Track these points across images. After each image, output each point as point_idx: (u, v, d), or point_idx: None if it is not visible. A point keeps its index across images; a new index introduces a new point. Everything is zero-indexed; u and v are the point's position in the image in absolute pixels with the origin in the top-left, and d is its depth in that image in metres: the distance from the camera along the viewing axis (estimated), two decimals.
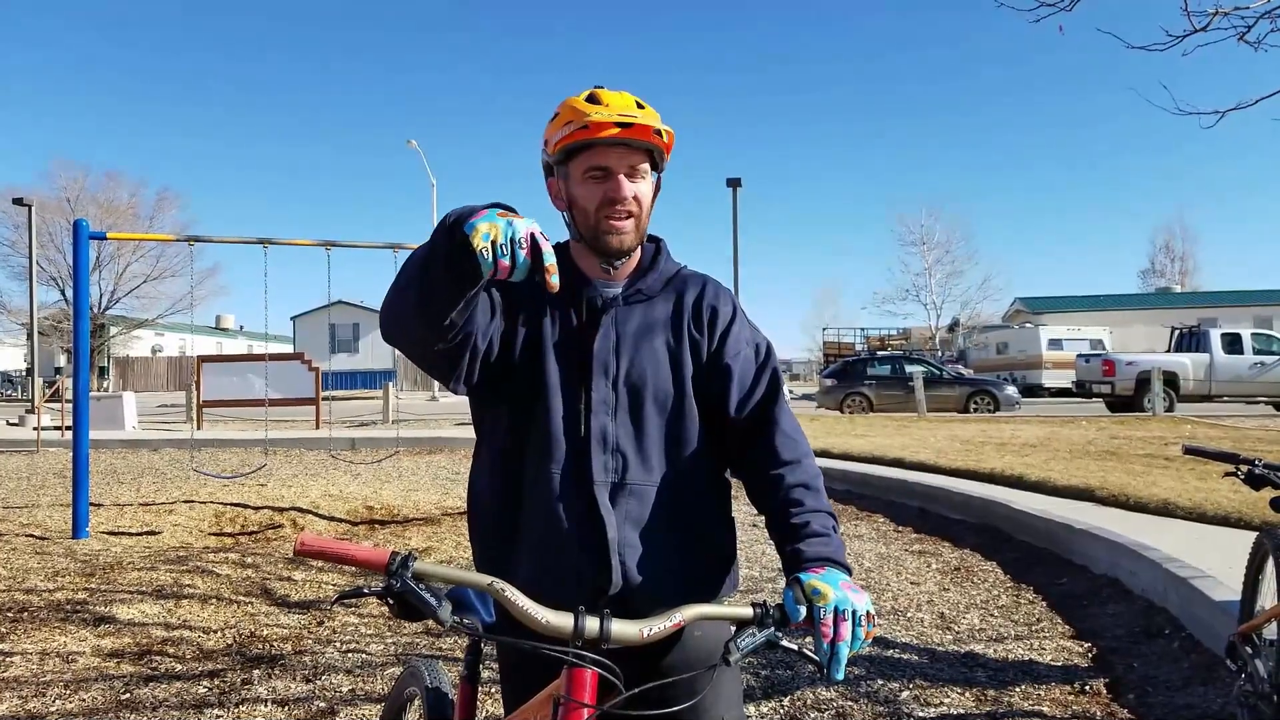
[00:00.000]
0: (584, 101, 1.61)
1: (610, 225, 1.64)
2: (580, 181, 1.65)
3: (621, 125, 1.57)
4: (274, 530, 7.57)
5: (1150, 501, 6.95)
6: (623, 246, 1.66)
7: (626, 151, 1.62)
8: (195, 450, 13.07)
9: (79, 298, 7.85)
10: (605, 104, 1.60)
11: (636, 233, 1.67)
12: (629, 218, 1.64)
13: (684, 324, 1.72)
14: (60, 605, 5.12)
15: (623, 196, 1.63)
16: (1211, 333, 21.75)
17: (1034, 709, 3.62)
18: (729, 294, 1.80)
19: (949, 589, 5.52)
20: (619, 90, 1.65)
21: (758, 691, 3.78)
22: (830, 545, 1.52)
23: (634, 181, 1.64)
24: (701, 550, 1.68)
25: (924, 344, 47.39)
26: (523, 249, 1.33)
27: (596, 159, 1.62)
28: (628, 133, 1.58)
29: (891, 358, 26.37)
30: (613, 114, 1.58)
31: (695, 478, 1.69)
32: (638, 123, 1.58)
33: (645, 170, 1.66)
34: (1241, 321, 34.47)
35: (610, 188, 1.63)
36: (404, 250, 8.36)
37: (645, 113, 1.62)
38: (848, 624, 1.36)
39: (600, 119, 1.57)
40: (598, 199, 1.64)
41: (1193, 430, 13.71)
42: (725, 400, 1.69)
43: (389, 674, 3.99)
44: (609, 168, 1.62)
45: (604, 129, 1.57)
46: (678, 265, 1.80)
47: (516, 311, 1.69)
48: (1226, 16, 4.55)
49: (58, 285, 42.61)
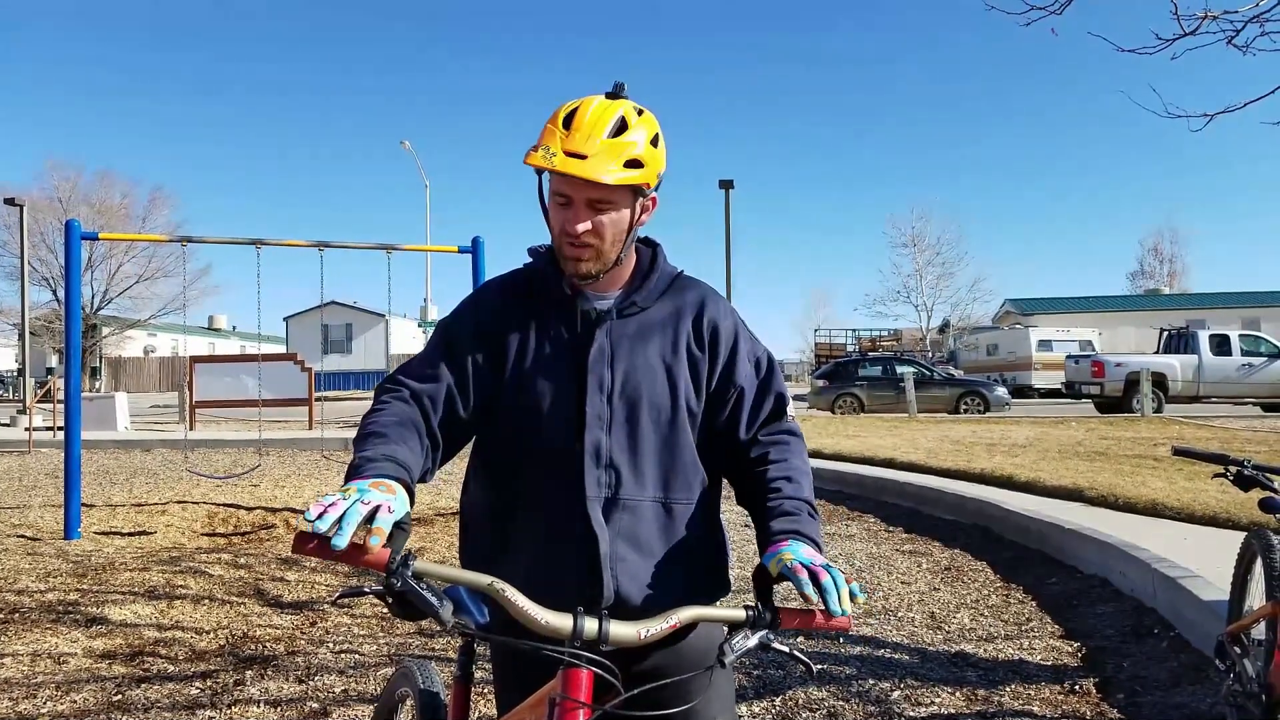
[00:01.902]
0: (559, 121, 1.53)
1: (567, 254, 1.61)
2: (551, 202, 1.61)
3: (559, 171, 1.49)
4: (267, 531, 7.56)
5: (1139, 502, 6.98)
6: (579, 274, 1.62)
7: (583, 183, 1.53)
8: (188, 451, 13.03)
9: (71, 298, 7.82)
10: (571, 130, 1.51)
11: (598, 260, 1.61)
12: (585, 247, 1.59)
13: (682, 337, 1.69)
14: (52, 606, 5.11)
15: (574, 231, 1.57)
16: (1200, 334, 21.81)
17: (1024, 708, 3.65)
18: (728, 307, 1.77)
19: (939, 589, 5.55)
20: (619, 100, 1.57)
21: (750, 692, 3.80)
22: (798, 522, 1.54)
23: (597, 213, 1.57)
24: (692, 562, 1.68)
25: (915, 345, 47.52)
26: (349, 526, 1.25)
27: (559, 186, 1.57)
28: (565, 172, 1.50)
29: (883, 359, 26.40)
30: (559, 146, 1.50)
31: (688, 490, 1.68)
32: (572, 172, 1.49)
33: (612, 200, 1.57)
34: (1229, 323, 34.62)
35: (567, 219, 1.58)
36: (397, 251, 8.35)
37: (606, 150, 1.51)
38: (820, 569, 1.37)
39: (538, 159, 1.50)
40: (557, 226, 1.60)
41: (1181, 431, 13.78)
42: (735, 422, 1.70)
43: (382, 674, 3.99)
44: (570, 197, 1.57)
45: (548, 161, 1.49)
46: (674, 271, 1.76)
47: (507, 328, 1.68)
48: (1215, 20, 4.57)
49: (50, 285, 42.42)
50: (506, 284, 1.76)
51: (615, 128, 1.53)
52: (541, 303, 1.69)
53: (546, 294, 1.69)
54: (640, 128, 1.56)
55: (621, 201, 1.58)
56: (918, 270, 48.55)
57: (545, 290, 1.70)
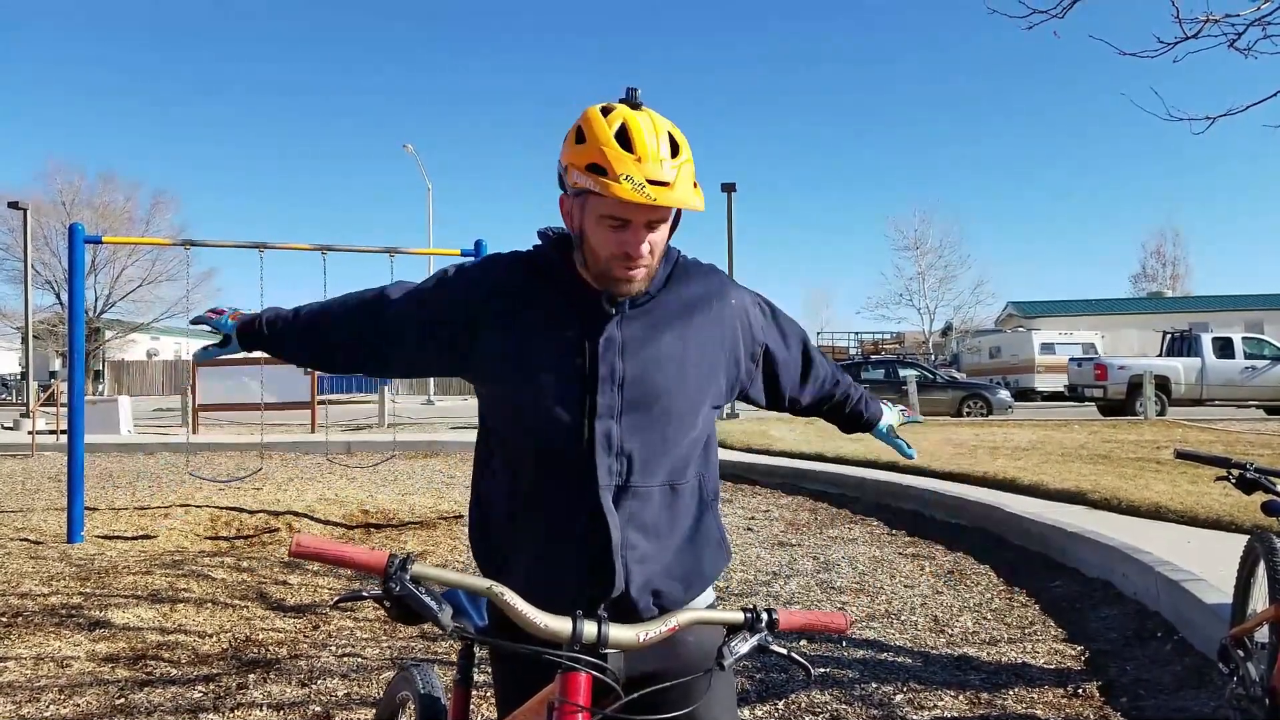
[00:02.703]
0: (613, 141, 1.46)
1: (621, 275, 1.56)
2: (595, 223, 1.54)
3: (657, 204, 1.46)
4: (269, 534, 7.57)
5: (1142, 505, 6.97)
6: (630, 293, 1.59)
7: (657, 208, 1.50)
8: (191, 454, 13.05)
9: (74, 301, 7.84)
10: (637, 153, 1.46)
11: (646, 280, 1.59)
12: (642, 268, 1.56)
13: (694, 324, 1.68)
14: (55, 610, 5.12)
15: (639, 254, 1.54)
16: (1203, 337, 21.79)
17: (1027, 712, 3.64)
18: (730, 281, 1.78)
19: (942, 592, 5.54)
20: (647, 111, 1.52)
21: (753, 695, 3.80)
22: (871, 407, 2.25)
23: (654, 231, 1.55)
24: (695, 536, 1.68)
25: (917, 348, 47.53)
26: None
27: (616, 210, 1.51)
28: (662, 204, 1.46)
29: (885, 362, 26.46)
30: (641, 175, 1.44)
31: (694, 479, 1.69)
32: (668, 204, 1.47)
33: (666, 217, 1.56)
34: (1233, 326, 34.54)
35: (625, 241, 1.53)
36: (400, 255, 8.35)
37: (679, 174, 1.48)
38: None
39: (627, 193, 1.44)
40: (611, 248, 1.54)
41: (1184, 434, 13.76)
42: (780, 388, 1.91)
43: (384, 678, 3.99)
44: (630, 221, 1.52)
45: (641, 195, 1.44)
46: (675, 253, 1.73)
47: (512, 308, 1.66)
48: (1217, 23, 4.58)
49: (53, 289, 42.49)
50: (515, 263, 1.72)
51: (672, 146, 1.50)
52: (548, 291, 1.66)
53: (554, 282, 1.66)
54: (683, 143, 1.55)
55: (670, 217, 1.59)
56: (920, 273, 48.48)
57: (553, 278, 1.67)
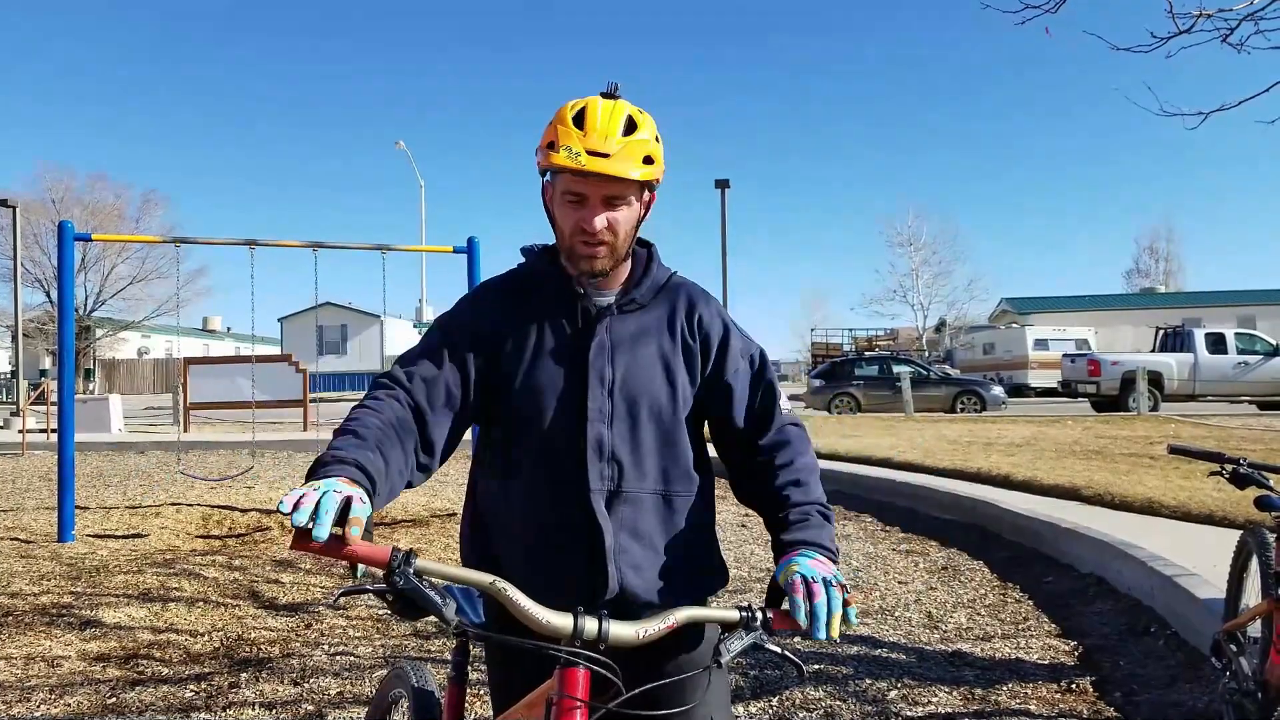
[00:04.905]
0: (570, 121, 1.56)
1: (582, 252, 1.63)
2: (560, 202, 1.63)
3: (587, 170, 1.53)
4: (261, 533, 7.54)
5: (1136, 500, 6.99)
6: (593, 270, 1.65)
7: (603, 180, 1.58)
8: (182, 453, 13.00)
9: (64, 300, 7.81)
10: (586, 130, 1.55)
11: (611, 257, 1.65)
12: (601, 245, 1.62)
13: (677, 333, 1.72)
14: (46, 609, 5.09)
15: (594, 229, 1.60)
16: (1196, 333, 21.86)
17: (1021, 707, 3.64)
18: (718, 306, 1.79)
19: (936, 588, 5.54)
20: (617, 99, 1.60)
21: (747, 692, 3.79)
22: (806, 530, 1.56)
23: (612, 209, 1.61)
24: (692, 554, 1.70)
25: (911, 344, 47.55)
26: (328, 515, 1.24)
27: (573, 185, 1.59)
28: (594, 171, 1.54)
29: (879, 358, 26.44)
30: (580, 146, 1.53)
31: (686, 483, 1.70)
32: (601, 171, 1.54)
33: (626, 196, 1.62)
34: (1225, 321, 34.68)
35: (583, 217, 1.60)
36: (391, 252, 8.33)
37: (625, 148, 1.55)
38: (820, 586, 1.39)
39: (562, 159, 1.53)
40: (571, 224, 1.62)
41: (1177, 429, 13.80)
42: (729, 418, 1.73)
43: (377, 676, 3.98)
44: (585, 195, 1.60)
45: (574, 161, 1.53)
46: (668, 272, 1.79)
47: (506, 326, 1.69)
48: (1210, 19, 4.58)
49: (43, 287, 42.31)
50: (503, 283, 1.78)
51: (627, 126, 1.57)
52: (540, 300, 1.71)
53: (545, 291, 1.72)
54: (647, 126, 1.61)
55: (633, 197, 1.63)
56: (914, 269, 48.49)
57: (543, 288, 1.72)
